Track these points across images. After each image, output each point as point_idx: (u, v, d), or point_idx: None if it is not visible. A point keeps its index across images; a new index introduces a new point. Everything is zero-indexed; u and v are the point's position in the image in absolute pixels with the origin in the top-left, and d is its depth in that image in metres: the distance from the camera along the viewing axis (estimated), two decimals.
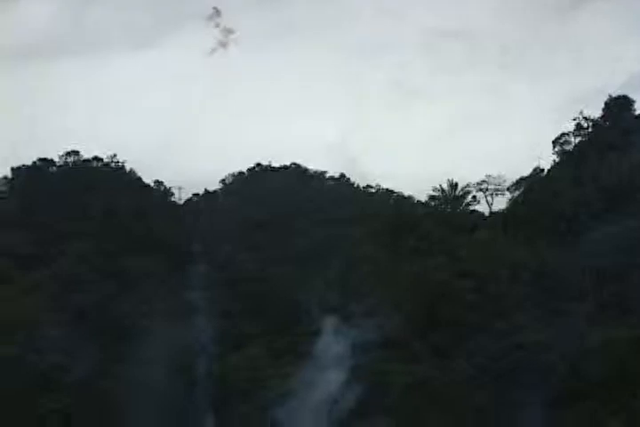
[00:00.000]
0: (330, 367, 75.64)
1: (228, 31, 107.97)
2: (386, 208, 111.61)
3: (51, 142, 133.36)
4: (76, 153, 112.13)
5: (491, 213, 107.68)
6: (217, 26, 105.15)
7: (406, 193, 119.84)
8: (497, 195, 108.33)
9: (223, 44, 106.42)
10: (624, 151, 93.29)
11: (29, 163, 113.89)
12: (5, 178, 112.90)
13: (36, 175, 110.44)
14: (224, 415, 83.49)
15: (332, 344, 76.90)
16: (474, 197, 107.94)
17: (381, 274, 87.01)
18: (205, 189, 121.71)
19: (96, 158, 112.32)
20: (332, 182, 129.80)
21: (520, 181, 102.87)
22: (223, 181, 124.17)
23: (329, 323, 78.87)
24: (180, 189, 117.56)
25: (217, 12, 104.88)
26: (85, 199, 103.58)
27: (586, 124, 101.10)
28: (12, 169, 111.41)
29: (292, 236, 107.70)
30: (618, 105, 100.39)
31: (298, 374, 76.03)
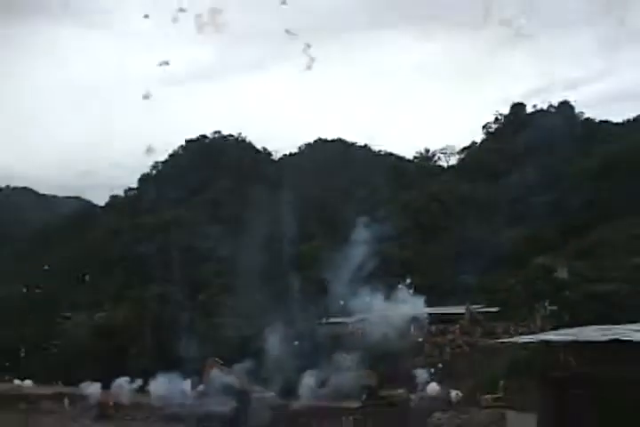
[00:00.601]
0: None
1: None
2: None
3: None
4: (219, 132, 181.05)
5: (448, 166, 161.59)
6: None
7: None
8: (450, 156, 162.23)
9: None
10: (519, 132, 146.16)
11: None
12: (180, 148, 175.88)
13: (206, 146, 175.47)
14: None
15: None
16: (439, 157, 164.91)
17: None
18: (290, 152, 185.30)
19: (230, 135, 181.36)
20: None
21: (463, 149, 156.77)
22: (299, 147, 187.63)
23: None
24: (276, 151, 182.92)
25: None
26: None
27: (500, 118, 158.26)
28: (186, 141, 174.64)
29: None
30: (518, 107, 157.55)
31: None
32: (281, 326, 78.32)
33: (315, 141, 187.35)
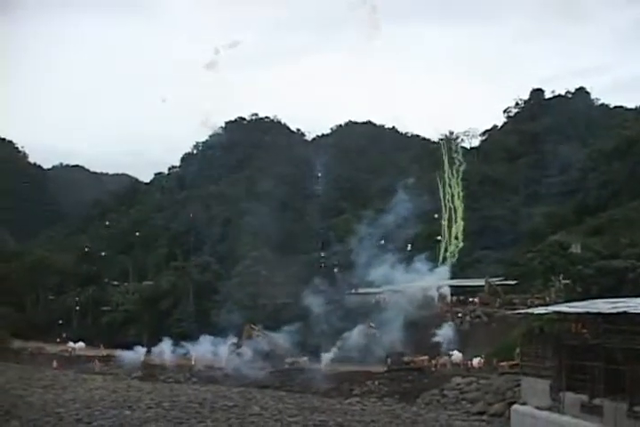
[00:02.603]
0: None
1: None
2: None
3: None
4: (256, 114, 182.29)
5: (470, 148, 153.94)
6: None
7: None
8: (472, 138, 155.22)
9: None
10: (537, 116, 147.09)
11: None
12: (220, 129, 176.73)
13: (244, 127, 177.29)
14: None
15: None
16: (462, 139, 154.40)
17: None
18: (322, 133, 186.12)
19: (267, 117, 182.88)
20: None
21: (485, 132, 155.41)
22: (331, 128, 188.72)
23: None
24: (309, 133, 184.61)
25: None
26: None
27: (520, 102, 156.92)
28: (226, 123, 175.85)
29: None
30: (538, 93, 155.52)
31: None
32: (312, 296, 79.00)
33: (345, 124, 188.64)
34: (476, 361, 63.24)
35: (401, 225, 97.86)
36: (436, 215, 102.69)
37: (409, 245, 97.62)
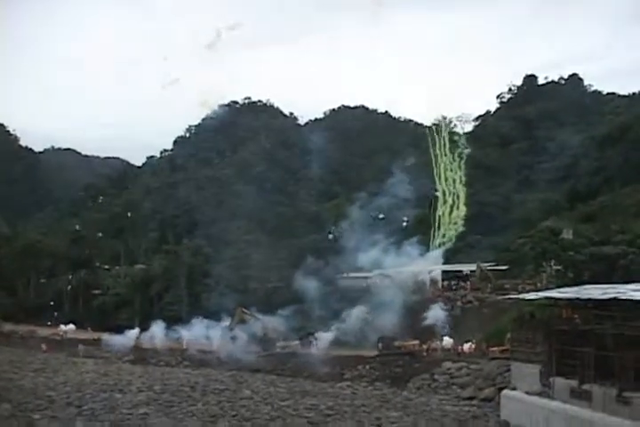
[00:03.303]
0: None
1: None
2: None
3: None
4: (249, 98, 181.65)
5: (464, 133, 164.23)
6: None
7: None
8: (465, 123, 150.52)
9: None
10: (530, 102, 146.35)
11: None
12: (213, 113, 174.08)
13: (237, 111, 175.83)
14: None
15: None
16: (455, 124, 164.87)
17: None
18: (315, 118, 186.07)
19: (259, 101, 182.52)
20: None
21: (478, 117, 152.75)
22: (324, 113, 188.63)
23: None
24: (302, 117, 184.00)
25: None
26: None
27: (513, 88, 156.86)
28: (219, 106, 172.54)
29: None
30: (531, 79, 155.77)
31: None
32: (304, 280, 78.75)
33: (338, 108, 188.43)
34: (466, 346, 63.45)
35: (394, 209, 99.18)
36: (432, 199, 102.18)
37: (402, 230, 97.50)
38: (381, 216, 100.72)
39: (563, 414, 37.34)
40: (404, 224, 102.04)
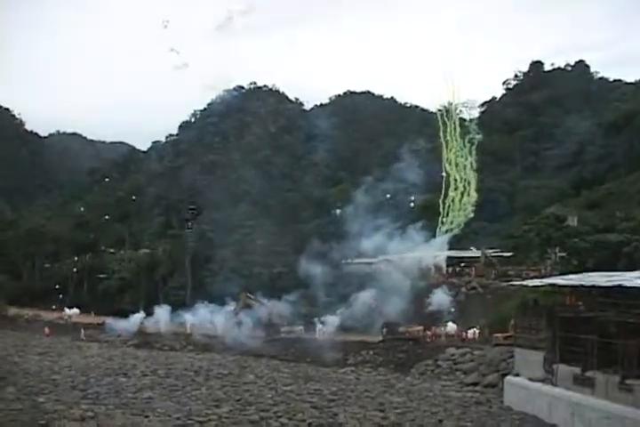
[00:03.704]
0: None
1: None
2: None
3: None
4: (254, 83, 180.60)
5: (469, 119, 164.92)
6: None
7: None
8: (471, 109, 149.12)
9: None
10: (536, 88, 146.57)
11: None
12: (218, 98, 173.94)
13: (242, 96, 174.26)
14: None
15: None
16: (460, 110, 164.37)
17: None
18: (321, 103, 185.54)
19: (265, 86, 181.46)
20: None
21: (484, 103, 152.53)
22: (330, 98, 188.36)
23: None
24: (307, 102, 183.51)
25: None
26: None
27: (519, 74, 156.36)
28: (224, 91, 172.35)
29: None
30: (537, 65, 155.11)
31: None
32: (308, 265, 78.30)
33: (344, 93, 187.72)
34: (470, 332, 63.56)
35: (400, 194, 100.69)
36: (443, 185, 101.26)
37: (408, 215, 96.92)
38: (386, 201, 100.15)
39: (566, 400, 37.48)
40: (410, 210, 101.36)
